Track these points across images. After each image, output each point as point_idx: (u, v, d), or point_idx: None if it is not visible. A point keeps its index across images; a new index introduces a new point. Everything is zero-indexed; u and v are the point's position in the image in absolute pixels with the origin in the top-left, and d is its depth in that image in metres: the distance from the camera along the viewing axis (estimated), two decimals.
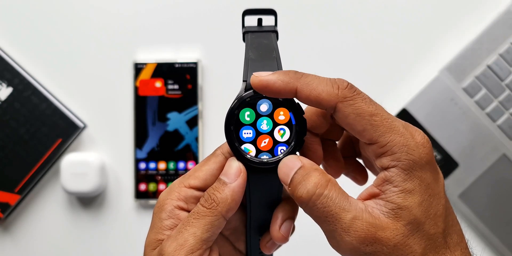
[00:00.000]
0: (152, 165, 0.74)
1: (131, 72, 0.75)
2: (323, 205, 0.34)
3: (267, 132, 0.37)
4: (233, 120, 0.37)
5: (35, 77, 0.74)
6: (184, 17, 0.75)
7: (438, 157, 0.71)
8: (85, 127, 0.75)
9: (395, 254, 0.34)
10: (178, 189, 0.39)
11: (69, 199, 0.76)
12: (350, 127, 0.35)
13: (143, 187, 0.74)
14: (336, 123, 0.41)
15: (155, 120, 0.74)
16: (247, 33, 0.41)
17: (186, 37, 0.75)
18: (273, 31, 0.42)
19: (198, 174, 0.39)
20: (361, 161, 0.45)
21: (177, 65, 0.73)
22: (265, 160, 0.37)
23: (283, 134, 0.37)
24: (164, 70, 0.74)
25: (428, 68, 0.73)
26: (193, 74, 0.74)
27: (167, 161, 0.74)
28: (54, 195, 0.76)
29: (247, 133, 0.37)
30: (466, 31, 0.73)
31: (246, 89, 0.37)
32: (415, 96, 0.72)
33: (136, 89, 0.74)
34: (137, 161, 0.74)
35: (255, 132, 0.37)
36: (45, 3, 0.75)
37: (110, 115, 0.75)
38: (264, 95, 0.37)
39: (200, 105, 0.74)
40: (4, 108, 0.73)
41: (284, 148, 0.37)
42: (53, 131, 0.73)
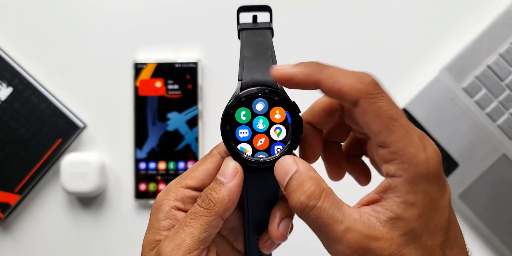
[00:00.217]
0: (152, 165, 0.74)
1: (131, 72, 0.75)
2: (316, 217, 0.34)
3: (263, 131, 0.37)
4: (229, 119, 0.37)
5: (35, 77, 0.75)
6: (184, 17, 0.75)
7: None
8: (85, 127, 0.75)
9: None
10: (175, 190, 0.39)
11: (69, 199, 0.76)
12: (366, 126, 0.34)
13: (143, 187, 0.74)
14: (342, 124, 0.41)
15: (155, 120, 0.74)
16: (242, 30, 0.41)
17: (186, 37, 0.75)
18: (268, 28, 0.41)
19: (194, 174, 0.39)
20: (367, 159, 0.45)
21: (177, 65, 0.74)
22: (262, 159, 0.37)
23: (279, 133, 0.37)
24: (164, 70, 0.74)
25: (428, 68, 0.73)
26: (193, 74, 0.74)
27: (167, 161, 0.74)
28: (54, 195, 0.76)
29: (243, 133, 0.37)
30: (466, 31, 0.73)
31: (241, 88, 0.37)
32: (415, 96, 0.72)
33: (136, 89, 0.74)
34: (137, 161, 0.74)
35: (251, 131, 0.37)
36: (45, 3, 0.76)
37: (110, 115, 0.75)
38: (260, 94, 0.37)
39: (200, 105, 0.74)
40: (4, 108, 0.73)
41: (280, 147, 0.37)
42: (53, 131, 0.73)
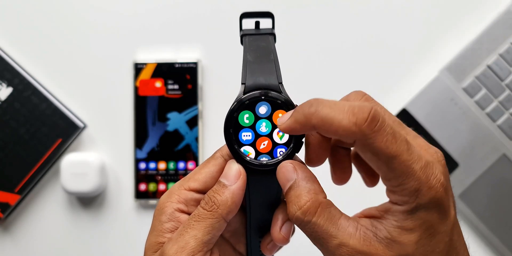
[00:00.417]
0: (152, 165, 0.74)
1: (131, 72, 0.75)
2: (310, 230, 0.34)
3: (266, 134, 0.37)
4: (232, 122, 0.37)
5: (35, 77, 0.74)
6: (184, 17, 0.75)
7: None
8: (85, 127, 0.75)
9: None
10: (178, 192, 0.39)
11: (69, 199, 0.76)
12: (366, 160, 0.34)
13: (143, 187, 0.74)
14: None
15: (155, 120, 0.74)
16: (244, 36, 0.41)
17: (186, 37, 0.75)
18: (271, 34, 0.42)
19: (198, 176, 0.39)
20: None
21: (177, 65, 0.73)
22: (265, 162, 0.37)
23: (282, 136, 0.38)
24: (164, 70, 0.74)
25: (428, 68, 0.73)
26: (193, 74, 0.73)
27: (167, 161, 0.74)
28: (54, 195, 0.76)
29: (246, 136, 0.37)
30: (466, 31, 0.73)
31: (245, 92, 0.37)
32: (415, 96, 0.72)
33: (136, 89, 0.74)
34: (137, 161, 0.74)
35: (254, 134, 0.37)
36: (45, 3, 0.75)
37: (110, 115, 0.75)
38: (263, 98, 0.37)
39: (200, 105, 0.74)
40: (4, 108, 0.73)
41: (283, 150, 0.38)
42: (53, 131, 0.73)
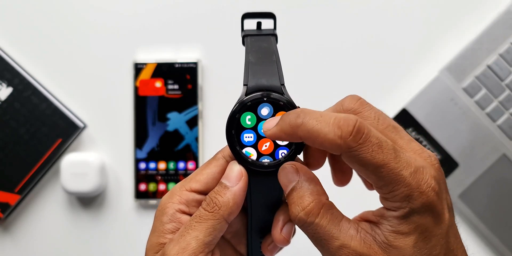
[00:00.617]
0: (152, 165, 0.74)
1: (131, 72, 0.75)
2: (313, 231, 0.34)
3: None
4: (234, 124, 0.37)
5: (35, 77, 0.74)
6: (184, 17, 0.75)
7: (438, 157, 0.71)
8: (85, 127, 0.75)
9: None
10: (179, 193, 0.39)
11: (69, 199, 0.76)
12: (356, 171, 0.35)
13: (143, 187, 0.74)
14: None
15: (155, 120, 0.74)
16: (246, 36, 0.41)
17: (186, 37, 0.75)
18: (273, 35, 0.42)
19: (199, 177, 0.39)
20: None
21: (177, 65, 0.73)
22: (266, 163, 0.37)
23: None
24: (164, 70, 0.73)
25: (428, 68, 0.73)
26: (193, 74, 0.73)
27: (167, 161, 0.74)
28: (54, 195, 0.76)
29: (248, 137, 0.37)
30: (466, 31, 0.73)
31: (247, 93, 0.37)
32: (415, 96, 0.72)
33: (136, 89, 0.74)
34: (137, 161, 0.74)
35: (256, 135, 0.37)
36: (45, 3, 0.75)
37: (110, 115, 0.75)
38: (265, 99, 0.37)
39: (200, 105, 0.74)
40: (4, 108, 0.73)
41: (285, 151, 0.38)
42: (53, 131, 0.73)
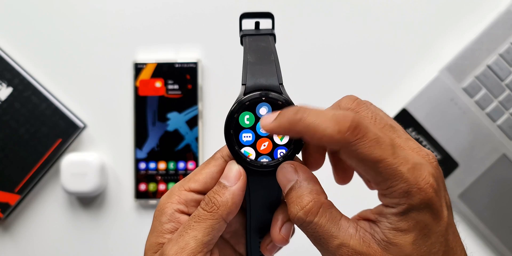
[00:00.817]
0: (152, 165, 0.74)
1: (131, 72, 0.75)
2: (312, 231, 0.34)
3: (267, 135, 0.37)
4: (233, 123, 0.37)
5: (35, 77, 0.74)
6: (184, 17, 0.75)
7: (438, 157, 0.71)
8: (85, 127, 0.75)
9: None
10: (178, 193, 0.39)
11: (69, 199, 0.76)
12: (354, 168, 0.35)
13: (143, 187, 0.74)
14: None
15: (155, 120, 0.74)
16: (244, 36, 0.41)
17: (186, 37, 0.75)
18: (271, 34, 0.41)
19: (198, 177, 0.39)
20: None
21: (177, 65, 0.73)
22: (265, 163, 0.37)
23: (282, 137, 0.37)
24: (164, 70, 0.74)
25: (428, 68, 0.73)
26: (193, 74, 0.73)
27: (167, 161, 0.74)
28: (54, 195, 0.76)
29: (246, 137, 0.37)
30: (466, 31, 0.73)
31: (245, 93, 0.37)
32: (415, 96, 0.72)
33: (136, 89, 0.74)
34: (137, 161, 0.74)
35: (255, 135, 0.37)
36: (45, 3, 0.75)
37: (110, 115, 0.75)
38: (263, 99, 0.37)
39: (200, 105, 0.74)
40: (4, 108, 0.73)
41: (283, 151, 0.37)
42: (53, 131, 0.73)
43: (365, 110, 0.37)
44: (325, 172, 0.41)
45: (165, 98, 0.73)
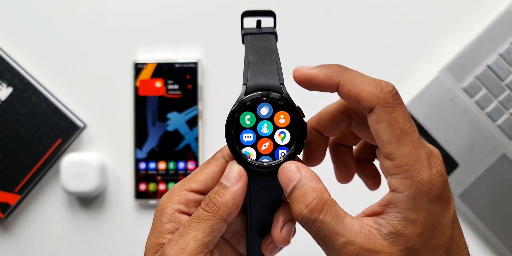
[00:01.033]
0: (152, 165, 0.74)
1: (131, 72, 0.75)
2: (317, 229, 0.34)
3: (268, 135, 0.37)
4: (234, 123, 0.37)
5: (35, 77, 0.74)
6: (184, 17, 0.75)
7: None
8: (85, 127, 0.75)
9: None
10: (178, 193, 0.39)
11: (69, 199, 0.76)
12: (376, 134, 0.34)
13: (143, 187, 0.74)
14: (353, 131, 0.41)
15: (155, 120, 0.74)
16: (246, 35, 0.41)
17: (186, 37, 0.75)
18: (272, 33, 0.41)
19: (198, 177, 0.39)
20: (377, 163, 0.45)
21: (177, 65, 0.73)
22: (266, 163, 0.37)
23: (283, 137, 0.37)
24: (164, 70, 0.73)
25: (428, 68, 0.73)
26: (193, 74, 0.73)
27: (167, 161, 0.74)
28: (54, 195, 0.76)
29: (247, 137, 0.37)
30: (466, 31, 0.73)
31: (246, 93, 0.37)
32: (415, 96, 0.72)
33: (136, 89, 0.74)
34: (137, 161, 0.74)
35: (256, 135, 0.37)
36: (45, 3, 0.75)
37: (110, 115, 0.75)
38: (264, 99, 0.37)
39: (200, 105, 0.74)
40: (4, 108, 0.73)
41: (284, 151, 0.37)
42: (53, 131, 0.73)
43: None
44: (325, 172, 0.41)
45: (165, 98, 0.73)
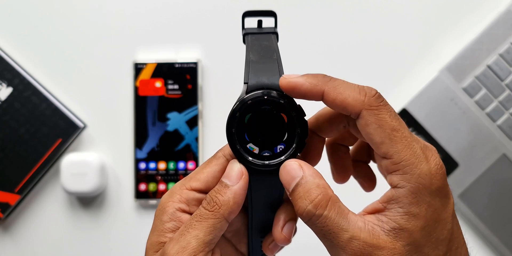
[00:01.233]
0: (152, 165, 0.74)
1: (131, 72, 0.75)
2: (321, 225, 0.34)
3: None
4: (235, 122, 0.37)
5: (35, 77, 0.74)
6: (184, 17, 0.75)
7: None
8: (85, 127, 0.75)
9: None
10: (179, 192, 0.39)
11: (69, 199, 0.76)
12: (368, 137, 0.35)
13: (143, 187, 0.74)
14: (350, 131, 0.41)
15: (155, 120, 0.74)
16: (247, 35, 0.41)
17: (186, 37, 0.75)
18: (273, 33, 0.41)
19: (199, 176, 0.39)
20: (375, 165, 0.45)
21: (177, 65, 0.73)
22: (267, 162, 0.37)
23: None
24: (164, 70, 0.73)
25: (428, 68, 0.73)
26: (193, 74, 0.73)
27: (167, 161, 0.74)
28: (54, 195, 0.76)
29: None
30: (466, 31, 0.73)
31: (247, 91, 0.37)
32: (415, 96, 0.72)
33: (136, 89, 0.74)
34: (137, 161, 0.74)
35: None
36: (45, 3, 0.75)
37: (110, 115, 0.75)
38: (265, 98, 0.37)
39: (200, 105, 0.74)
40: (4, 108, 0.73)
41: (282, 147, 0.37)
42: (53, 131, 0.73)
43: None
44: (324, 173, 0.41)
45: (165, 98, 0.73)
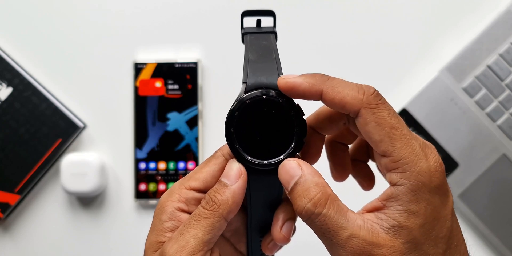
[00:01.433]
0: (152, 165, 0.74)
1: (131, 72, 0.75)
2: (321, 223, 0.34)
3: None
4: (234, 122, 0.37)
5: (35, 77, 0.74)
6: (184, 17, 0.75)
7: None
8: (85, 127, 0.75)
9: None
10: (178, 191, 0.39)
11: (69, 199, 0.76)
12: (367, 135, 0.35)
13: (143, 187, 0.74)
14: (350, 129, 0.41)
15: (155, 120, 0.74)
16: (246, 34, 0.41)
17: (186, 37, 0.75)
18: (272, 32, 0.41)
19: (198, 175, 0.39)
20: (373, 164, 0.45)
21: (177, 65, 0.73)
22: (266, 161, 0.37)
23: None
24: (164, 70, 0.74)
25: (428, 68, 0.73)
26: (193, 74, 0.73)
27: (167, 161, 0.74)
28: (54, 195, 0.76)
29: None
30: (466, 31, 0.73)
31: (246, 91, 0.37)
32: (415, 96, 0.72)
33: (136, 89, 0.74)
34: (137, 161, 0.74)
35: None
36: (45, 3, 0.75)
37: (110, 115, 0.75)
38: (264, 97, 0.37)
39: (200, 105, 0.74)
40: (4, 108, 0.73)
41: (281, 146, 0.37)
42: (53, 131, 0.73)
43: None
44: (323, 172, 0.41)
45: (165, 98, 0.73)
